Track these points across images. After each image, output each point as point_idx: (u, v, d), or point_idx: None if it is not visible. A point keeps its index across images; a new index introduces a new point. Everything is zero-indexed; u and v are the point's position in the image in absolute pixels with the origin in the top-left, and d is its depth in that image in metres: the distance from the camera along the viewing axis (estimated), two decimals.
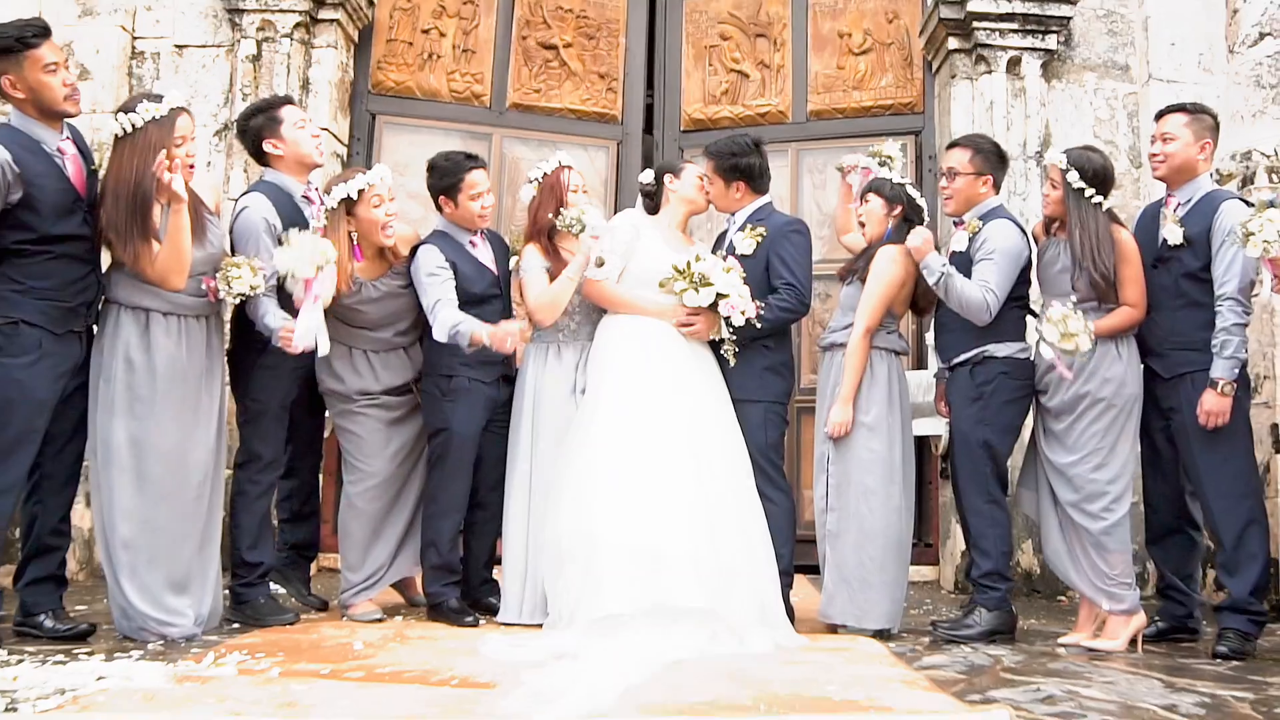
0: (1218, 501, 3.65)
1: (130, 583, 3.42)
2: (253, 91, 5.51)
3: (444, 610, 3.88)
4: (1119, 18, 5.82)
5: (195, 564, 3.57)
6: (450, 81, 6.19)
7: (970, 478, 3.81)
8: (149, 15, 5.66)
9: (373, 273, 3.93)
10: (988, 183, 4.03)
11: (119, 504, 3.45)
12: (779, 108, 6.34)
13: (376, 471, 3.92)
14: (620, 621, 3.27)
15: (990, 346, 3.84)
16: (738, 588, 3.53)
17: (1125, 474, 3.69)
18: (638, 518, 3.39)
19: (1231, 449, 3.65)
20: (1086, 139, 5.73)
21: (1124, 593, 3.65)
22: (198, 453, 3.59)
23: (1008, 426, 3.86)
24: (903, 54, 6.19)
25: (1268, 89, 5.12)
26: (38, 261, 3.36)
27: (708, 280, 3.75)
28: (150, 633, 3.41)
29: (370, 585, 3.97)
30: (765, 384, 3.95)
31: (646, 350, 3.75)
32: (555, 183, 4.03)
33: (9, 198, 3.28)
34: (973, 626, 3.75)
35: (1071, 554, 3.73)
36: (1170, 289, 3.75)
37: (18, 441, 3.33)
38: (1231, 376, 3.57)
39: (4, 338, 3.32)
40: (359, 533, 3.94)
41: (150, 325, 3.53)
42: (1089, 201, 3.72)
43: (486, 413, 3.96)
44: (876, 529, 3.80)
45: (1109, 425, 3.65)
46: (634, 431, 3.57)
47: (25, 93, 3.37)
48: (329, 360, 3.91)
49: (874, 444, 3.82)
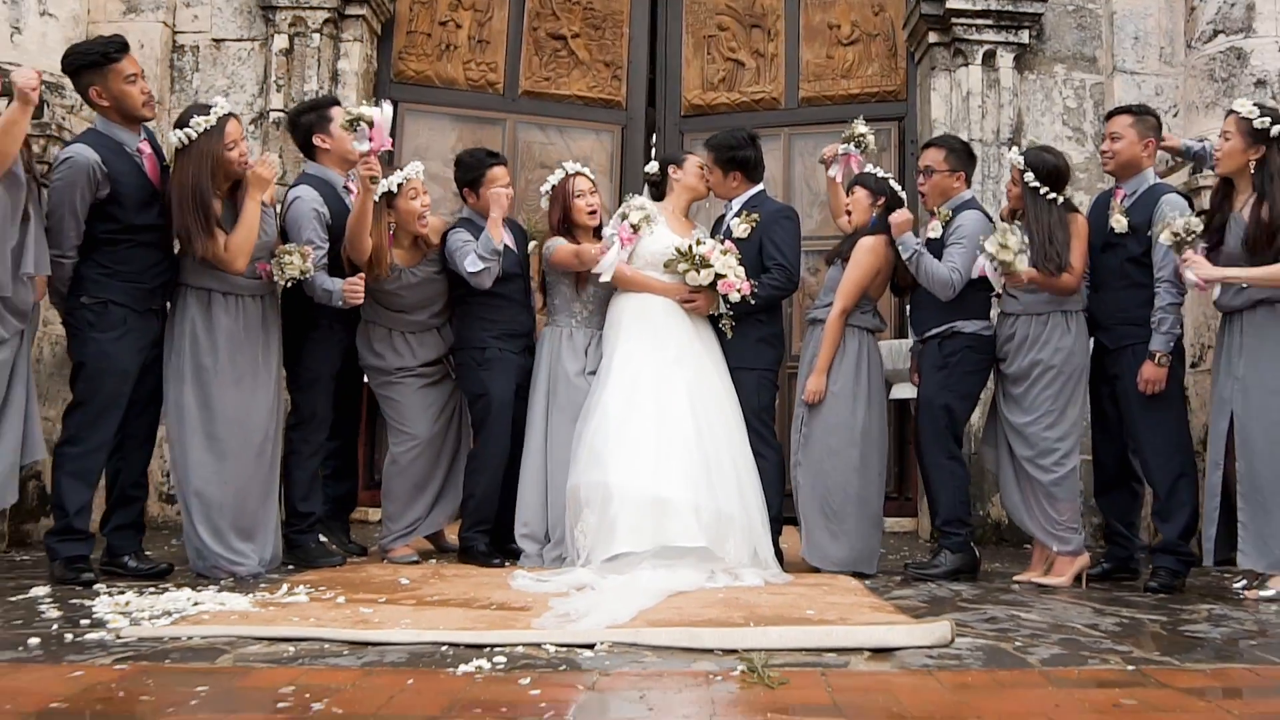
0: (1154, 457, 4.17)
1: (205, 527, 3.92)
2: (286, 83, 5.97)
3: (474, 553, 4.40)
4: (1087, 13, 6.27)
5: (259, 512, 4.07)
6: (466, 70, 6.64)
7: (932, 436, 4.33)
8: (188, 11, 6.10)
9: (410, 261, 4.41)
10: (960, 178, 4.52)
11: (192, 460, 3.95)
12: (772, 94, 6.79)
13: (419, 433, 4.43)
14: (631, 560, 3.79)
15: (958, 323, 4.35)
16: (733, 532, 4.04)
17: (1073, 433, 4.20)
18: (646, 471, 3.91)
19: (1166, 412, 4.16)
20: (1056, 126, 6.24)
21: (1071, 536, 4.18)
22: (258, 415, 4.08)
23: (967, 393, 4.38)
24: (887, 45, 6.64)
25: (1219, 82, 5.58)
26: (122, 249, 3.84)
27: (708, 262, 4.24)
28: (222, 571, 3.91)
29: (408, 533, 4.49)
30: (759, 353, 4.46)
31: (653, 324, 4.26)
32: (563, 191, 4.51)
33: (98, 194, 3.76)
34: (939, 566, 4.28)
35: (1026, 503, 4.26)
36: (1116, 271, 4.24)
37: (106, 405, 3.82)
38: (1167, 349, 4.06)
39: (94, 315, 3.81)
40: (401, 488, 4.46)
41: (212, 304, 4.00)
42: (1044, 198, 4.20)
43: (517, 377, 4.46)
44: (835, 485, 4.32)
45: (1059, 390, 4.16)
46: (642, 395, 4.08)
47: (109, 101, 3.83)
48: (370, 340, 4.43)
49: (840, 411, 4.33)
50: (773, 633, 2.78)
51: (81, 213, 3.75)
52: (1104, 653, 2.73)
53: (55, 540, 3.77)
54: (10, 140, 3.45)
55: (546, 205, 4.60)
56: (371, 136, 4.00)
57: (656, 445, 3.96)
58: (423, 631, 2.82)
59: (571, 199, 4.48)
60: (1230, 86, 5.53)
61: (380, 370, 4.51)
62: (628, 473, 3.89)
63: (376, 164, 4.05)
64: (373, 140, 4.00)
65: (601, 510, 3.88)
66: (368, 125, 3.98)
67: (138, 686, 2.21)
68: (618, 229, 4.29)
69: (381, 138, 4.03)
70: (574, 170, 4.57)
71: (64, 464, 3.79)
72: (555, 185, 4.54)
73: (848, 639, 2.73)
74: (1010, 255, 4.03)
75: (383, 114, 4.05)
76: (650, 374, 4.12)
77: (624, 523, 3.83)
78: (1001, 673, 2.47)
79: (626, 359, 4.17)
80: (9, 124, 3.46)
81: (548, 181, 4.60)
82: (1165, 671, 2.51)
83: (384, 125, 4.03)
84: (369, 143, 4.01)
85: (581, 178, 4.58)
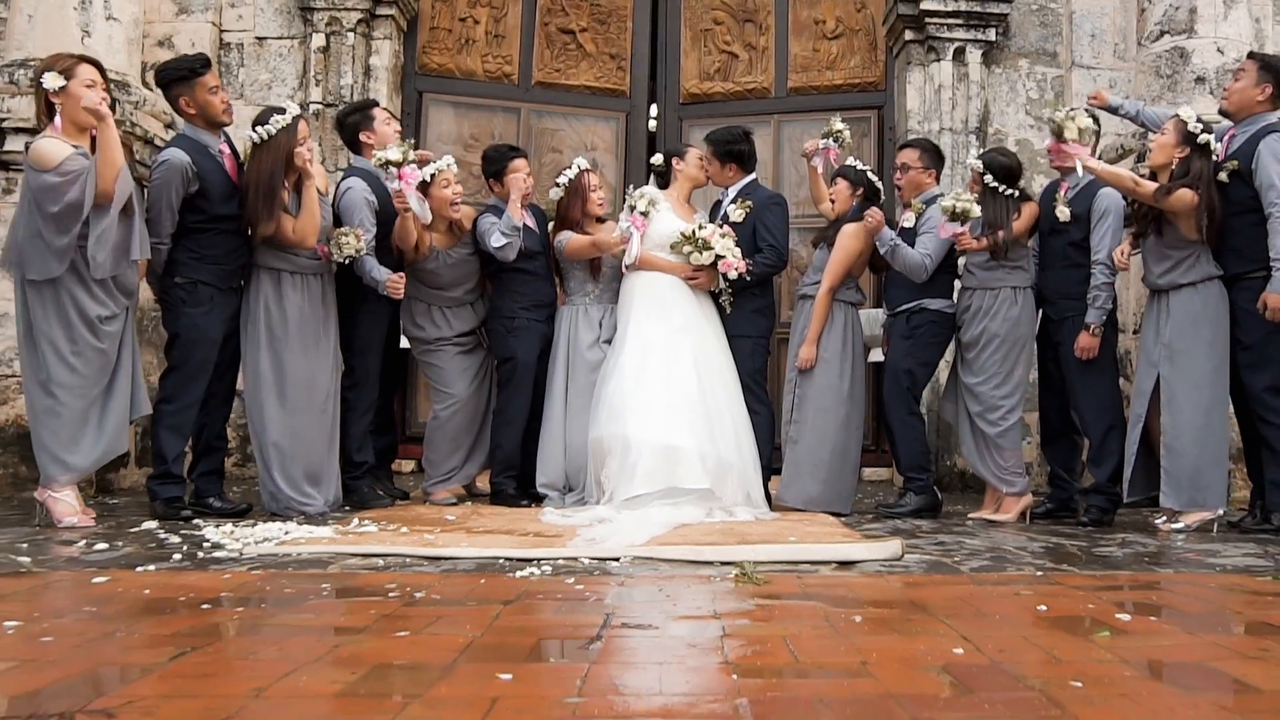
0: (1089, 413, 4.88)
1: (279, 473, 4.60)
2: (324, 78, 6.59)
3: (504, 495, 5.11)
4: (1049, 11, 6.91)
5: (323, 461, 4.75)
6: (484, 63, 7.27)
7: (896, 396, 5.04)
8: (233, 11, 6.71)
9: (446, 244, 5.09)
10: (931, 174, 5.21)
11: (268, 415, 4.62)
12: (763, 84, 7.43)
13: (458, 394, 5.12)
14: (644, 499, 4.49)
15: (925, 300, 5.04)
16: (730, 477, 4.75)
17: (1017, 393, 4.91)
18: (658, 424, 4.61)
19: (1100, 374, 4.86)
20: (1020, 115, 6.90)
21: (1015, 480, 4.90)
22: (322, 377, 4.75)
23: (927, 361, 5.09)
24: (868, 40, 7.27)
25: (1165, 78, 6.23)
26: (208, 236, 4.49)
27: (709, 245, 4.92)
28: (294, 510, 4.59)
29: (447, 478, 5.21)
30: (753, 323, 5.16)
31: (661, 298, 4.95)
32: (580, 184, 5.16)
33: (188, 190, 4.41)
34: (904, 506, 5.00)
35: (978, 451, 4.98)
36: (1059, 253, 4.92)
37: (197, 369, 4.49)
38: (1100, 321, 4.75)
39: (186, 293, 4.47)
40: (442, 440, 5.16)
41: (281, 282, 4.66)
42: (999, 194, 4.88)
43: (541, 344, 5.15)
44: (827, 438, 5.02)
45: (1005, 355, 4.86)
46: (653, 360, 4.77)
47: (195, 109, 4.48)
48: (413, 314, 5.13)
49: (830, 376, 5.03)
50: (760, 549, 3.49)
51: (175, 206, 4.40)
52: (1023, 564, 3.44)
53: (156, 484, 4.45)
54: (117, 153, 4.09)
55: (559, 195, 5.24)
56: (400, 175, 4.66)
57: (667, 402, 4.66)
58: (482, 549, 3.52)
59: (588, 192, 5.14)
60: (1174, 82, 6.19)
61: (422, 340, 5.20)
62: (643, 426, 4.60)
63: (404, 198, 4.71)
64: (401, 179, 4.66)
65: (622, 458, 4.58)
66: (395, 167, 4.67)
67: (276, 584, 2.91)
68: (630, 219, 4.95)
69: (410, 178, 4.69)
70: (585, 166, 5.23)
71: (162, 419, 4.47)
72: (572, 179, 5.18)
73: (818, 554, 3.45)
74: (963, 207, 4.70)
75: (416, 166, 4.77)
76: (660, 341, 4.81)
77: (642, 468, 4.53)
78: (937, 576, 3.18)
79: (639, 329, 4.86)
80: (109, 141, 4.08)
81: (563, 175, 5.24)
82: (1063, 575, 3.22)
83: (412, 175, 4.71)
84: (399, 182, 4.69)
85: (591, 173, 5.24)
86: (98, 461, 4.29)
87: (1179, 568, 3.46)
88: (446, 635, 2.21)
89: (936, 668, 1.96)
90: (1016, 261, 4.90)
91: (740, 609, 2.58)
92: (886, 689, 1.80)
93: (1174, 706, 1.72)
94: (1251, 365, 4.53)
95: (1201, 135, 4.52)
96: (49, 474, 4.12)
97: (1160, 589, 3.03)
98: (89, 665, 1.93)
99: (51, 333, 4.12)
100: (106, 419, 4.24)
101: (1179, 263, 4.57)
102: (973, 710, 1.67)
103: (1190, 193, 4.46)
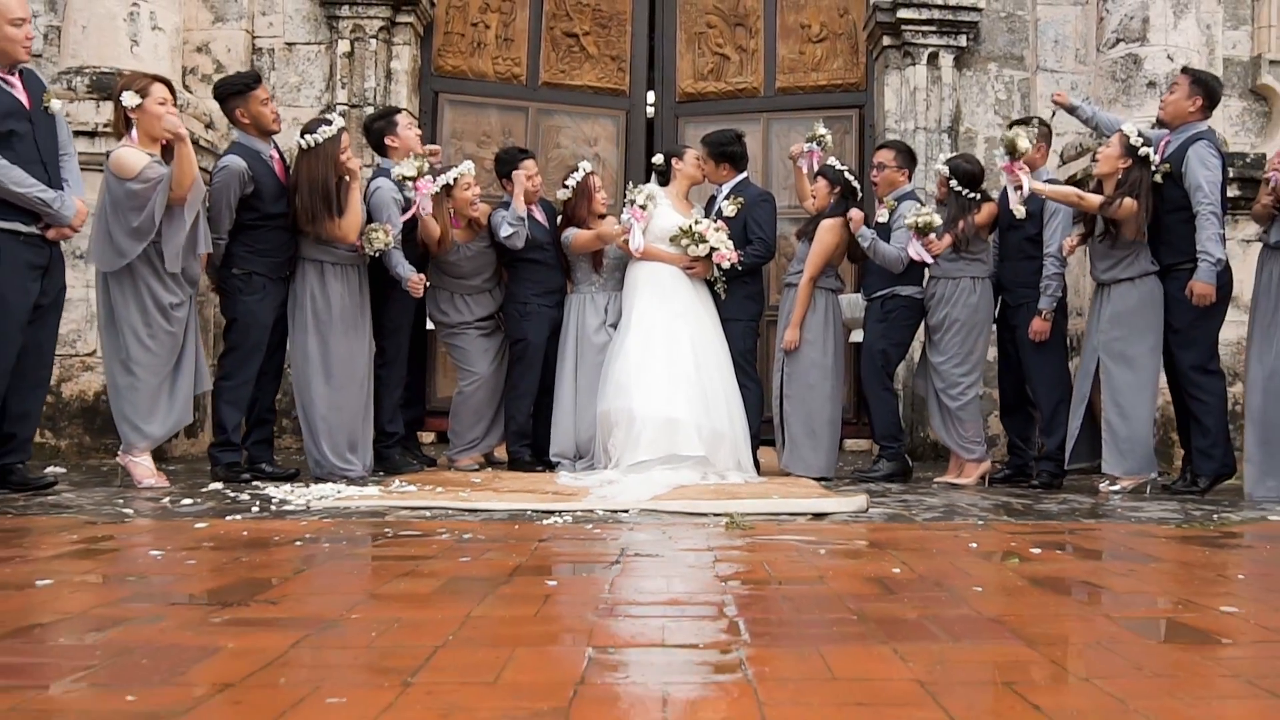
0: (1040, 388, 5.51)
1: (325, 442, 5.21)
2: (348, 80, 7.16)
3: (520, 462, 5.74)
4: (1017, 19, 7.49)
5: (361, 431, 5.36)
6: (495, 64, 7.83)
7: (871, 373, 5.68)
8: (264, 19, 7.27)
9: (466, 239, 5.69)
10: (904, 173, 5.84)
11: (315, 391, 5.22)
12: (753, 84, 8.01)
13: (480, 371, 5.74)
14: (647, 465, 5.11)
15: (897, 288, 5.67)
16: (723, 446, 5.37)
17: (975, 371, 5.55)
18: (660, 399, 5.23)
19: (1051, 355, 5.49)
20: (989, 115, 7.49)
21: (975, 448, 5.54)
22: (359, 356, 5.36)
23: (899, 342, 5.73)
24: (850, 44, 7.85)
25: (1120, 82, 6.82)
26: (261, 232, 5.08)
27: (705, 238, 5.53)
28: (336, 476, 5.19)
29: (470, 447, 5.83)
30: (744, 307, 5.78)
31: (662, 286, 5.56)
32: (585, 186, 5.76)
33: (244, 191, 5.00)
34: (878, 470, 5.64)
35: (943, 422, 5.62)
36: (1016, 246, 5.54)
37: (252, 350, 5.10)
38: (1050, 307, 5.38)
39: (243, 283, 5.07)
40: (465, 413, 5.79)
41: (324, 272, 5.25)
42: (963, 196, 5.49)
43: (550, 327, 5.76)
44: (814, 411, 5.66)
45: (964, 338, 5.50)
46: (655, 341, 5.38)
47: (249, 120, 5.07)
48: (437, 301, 5.74)
49: (814, 355, 5.66)
50: (746, 503, 4.13)
51: (233, 206, 4.99)
52: (970, 516, 4.07)
53: (217, 450, 5.07)
54: (192, 166, 4.68)
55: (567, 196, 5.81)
56: (416, 187, 5.26)
57: (667, 379, 5.28)
58: (511, 504, 4.14)
59: (593, 193, 5.75)
60: (1128, 86, 6.77)
61: (446, 324, 5.81)
62: (646, 400, 5.22)
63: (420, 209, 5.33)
64: (416, 190, 5.27)
65: (628, 428, 5.21)
66: (411, 181, 5.27)
67: (348, 528, 3.52)
68: (631, 213, 5.56)
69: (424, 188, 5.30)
70: (590, 170, 5.82)
71: (222, 394, 5.08)
72: (580, 181, 5.77)
73: (796, 506, 4.09)
74: (925, 220, 5.33)
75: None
76: (661, 325, 5.42)
77: (645, 437, 5.16)
78: (895, 525, 3.81)
79: (642, 314, 5.47)
80: (185, 157, 4.66)
81: (571, 178, 5.82)
82: (1001, 524, 3.85)
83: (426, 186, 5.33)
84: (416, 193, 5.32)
85: (595, 176, 5.84)
86: (170, 430, 4.91)
87: (1102, 520, 4.10)
88: (499, 560, 2.83)
89: (876, 579, 2.58)
90: (976, 254, 5.52)
91: (729, 544, 3.20)
92: (835, 591, 2.42)
93: (1045, 602, 2.34)
94: (1181, 346, 5.15)
95: (1142, 148, 5.12)
96: (129, 441, 4.73)
97: (1076, 535, 3.65)
98: (234, 578, 2.54)
99: (130, 318, 4.72)
100: (176, 393, 4.85)
101: (1120, 260, 5.18)
102: (896, 602, 2.29)
103: (1133, 202, 5.05)
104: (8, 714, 1.43)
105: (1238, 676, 1.71)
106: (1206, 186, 4.98)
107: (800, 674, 1.70)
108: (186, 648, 1.81)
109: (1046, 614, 2.21)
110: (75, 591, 2.36)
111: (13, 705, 1.47)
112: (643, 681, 1.65)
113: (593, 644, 1.87)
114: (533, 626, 2.03)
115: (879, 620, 2.09)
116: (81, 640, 1.88)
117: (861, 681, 1.66)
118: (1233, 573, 2.82)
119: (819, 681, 1.65)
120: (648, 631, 2.00)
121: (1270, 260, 5.01)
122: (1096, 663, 1.79)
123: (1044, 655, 1.82)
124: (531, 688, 1.59)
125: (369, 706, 1.47)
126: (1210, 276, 4.89)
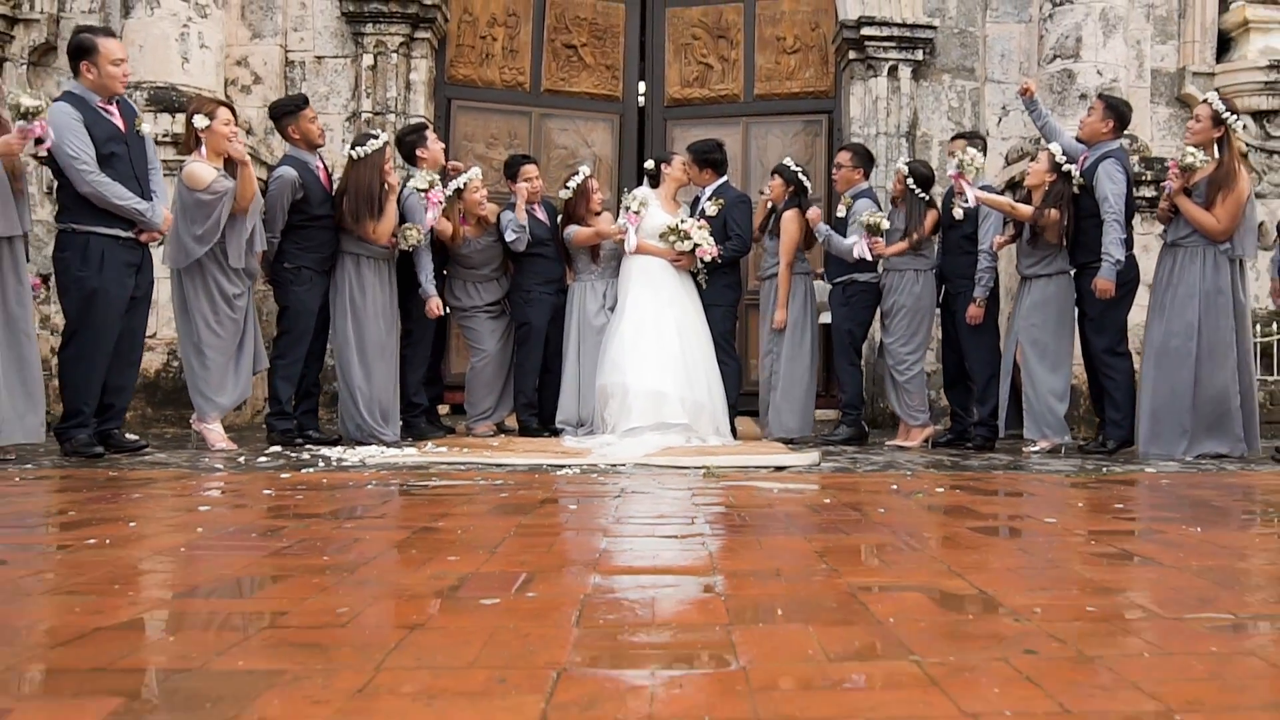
0: (976, 364, 6.44)
1: (365, 409, 6.11)
2: (372, 90, 8.01)
3: (529, 429, 6.66)
4: (968, 35, 8.37)
5: (391, 402, 6.26)
6: (501, 73, 8.69)
7: (840, 350, 6.63)
8: (296, 35, 8.11)
9: (476, 234, 6.58)
10: (860, 173, 6.74)
11: (354, 368, 6.11)
12: (734, 91, 8.88)
13: (489, 349, 6.64)
14: (639, 431, 6.03)
15: (855, 275, 6.58)
16: (703, 415, 6.29)
17: (920, 350, 6.48)
18: (650, 374, 6.15)
19: (984, 336, 6.42)
20: (943, 122, 8.38)
21: (919, 415, 6.48)
22: (391, 337, 6.25)
23: (862, 321, 6.68)
24: (821, 55, 8.72)
25: (1056, 94, 7.71)
26: (308, 231, 5.96)
27: (689, 235, 6.43)
28: (374, 439, 6.09)
29: (485, 416, 6.74)
30: (724, 294, 6.69)
31: (652, 277, 6.46)
32: (585, 187, 6.64)
33: (295, 196, 5.87)
34: (838, 434, 6.58)
35: (893, 393, 6.56)
36: (956, 243, 6.46)
37: (303, 333, 5.99)
38: (984, 296, 6.30)
39: (293, 275, 5.96)
40: (478, 386, 6.69)
41: (360, 265, 6.14)
42: (916, 196, 6.39)
43: (550, 311, 6.66)
44: (795, 381, 6.57)
45: (909, 321, 6.43)
46: (646, 325, 6.29)
47: (299, 135, 5.94)
48: (453, 288, 6.63)
49: (794, 332, 6.57)
50: (721, 458, 5.05)
51: (286, 209, 5.87)
52: (903, 470, 4.99)
53: (274, 419, 5.97)
54: (253, 184, 5.55)
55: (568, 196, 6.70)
56: (427, 197, 6.13)
57: (657, 357, 6.19)
58: (529, 459, 5.05)
59: (592, 193, 6.64)
60: (1063, 98, 7.67)
61: (460, 308, 6.71)
62: (638, 375, 6.13)
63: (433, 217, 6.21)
64: (428, 199, 6.13)
65: (621, 400, 6.12)
66: (423, 193, 6.13)
67: (403, 476, 4.42)
68: (626, 217, 6.45)
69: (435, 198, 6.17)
70: (589, 173, 6.71)
71: (277, 371, 5.98)
72: (580, 183, 6.65)
73: (761, 460, 5.02)
74: (875, 221, 6.24)
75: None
76: (651, 311, 6.33)
77: (637, 407, 6.07)
78: (839, 475, 4.73)
79: (635, 301, 6.38)
80: (248, 180, 5.53)
81: (572, 180, 6.71)
82: (927, 474, 4.77)
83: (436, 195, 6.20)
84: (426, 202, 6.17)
85: (593, 178, 6.73)
86: (235, 400, 5.80)
87: (1012, 472, 5.02)
88: (529, 494, 3.74)
89: (811, 505, 3.50)
90: (921, 250, 6.43)
91: (705, 487, 4.12)
92: (779, 511, 3.34)
93: (924, 518, 3.26)
94: (1094, 332, 6.08)
95: (1065, 165, 6.01)
96: (203, 410, 5.62)
97: (981, 481, 4.58)
98: (341, 505, 3.44)
99: (200, 307, 5.60)
100: (240, 371, 5.75)
101: (1041, 259, 6.09)
102: (818, 516, 3.21)
103: (1056, 213, 5.96)
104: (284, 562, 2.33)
105: (1024, 552, 2.63)
106: (1112, 198, 5.88)
107: (740, 545, 2.63)
108: (356, 538, 2.71)
109: (920, 522, 3.13)
110: (234, 510, 3.26)
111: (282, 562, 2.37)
112: (639, 553, 2.56)
113: (606, 536, 2.78)
114: (564, 529, 2.95)
115: (802, 526, 3.02)
116: (283, 534, 2.77)
117: (781, 550, 2.58)
118: (1075, 501, 3.74)
119: (752, 550, 2.57)
120: (641, 531, 2.92)
121: (1166, 255, 5.93)
122: (931, 542, 2.71)
123: (901, 541, 2.74)
124: (569, 555, 2.50)
125: (473, 561, 2.38)
126: (1111, 274, 5.81)
